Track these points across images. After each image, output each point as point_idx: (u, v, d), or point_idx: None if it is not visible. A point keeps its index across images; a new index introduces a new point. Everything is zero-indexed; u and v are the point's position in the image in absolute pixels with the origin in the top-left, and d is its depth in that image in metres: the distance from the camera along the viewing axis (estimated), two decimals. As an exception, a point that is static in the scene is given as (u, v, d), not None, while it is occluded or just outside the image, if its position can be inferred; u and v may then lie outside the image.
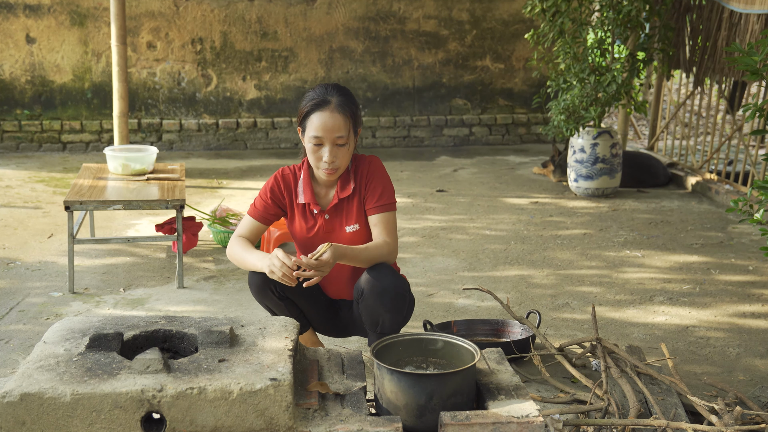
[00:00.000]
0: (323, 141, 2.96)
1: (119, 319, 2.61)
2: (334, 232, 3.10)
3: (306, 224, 3.12)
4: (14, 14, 7.73)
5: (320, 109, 2.95)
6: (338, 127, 2.95)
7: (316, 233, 3.11)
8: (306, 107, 2.99)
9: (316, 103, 2.96)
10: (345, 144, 2.98)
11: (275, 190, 3.12)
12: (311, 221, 3.12)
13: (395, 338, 2.61)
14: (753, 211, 3.29)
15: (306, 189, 3.09)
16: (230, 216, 5.21)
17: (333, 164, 2.98)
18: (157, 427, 2.19)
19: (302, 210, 3.12)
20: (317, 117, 2.95)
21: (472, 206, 6.21)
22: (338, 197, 3.07)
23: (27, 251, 4.95)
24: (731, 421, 2.57)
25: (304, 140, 3.02)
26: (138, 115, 8.08)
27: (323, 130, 2.94)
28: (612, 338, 3.80)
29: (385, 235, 3.03)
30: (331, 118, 2.94)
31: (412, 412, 2.36)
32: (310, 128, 2.97)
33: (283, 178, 3.12)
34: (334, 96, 2.97)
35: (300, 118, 3.03)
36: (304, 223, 3.12)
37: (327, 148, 2.96)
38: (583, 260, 4.99)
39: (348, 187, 3.09)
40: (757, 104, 3.37)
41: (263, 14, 8.17)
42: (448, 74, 8.62)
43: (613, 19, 6.27)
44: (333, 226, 3.10)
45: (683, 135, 7.62)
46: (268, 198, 3.11)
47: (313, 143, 2.97)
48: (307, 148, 3.01)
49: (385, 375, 2.39)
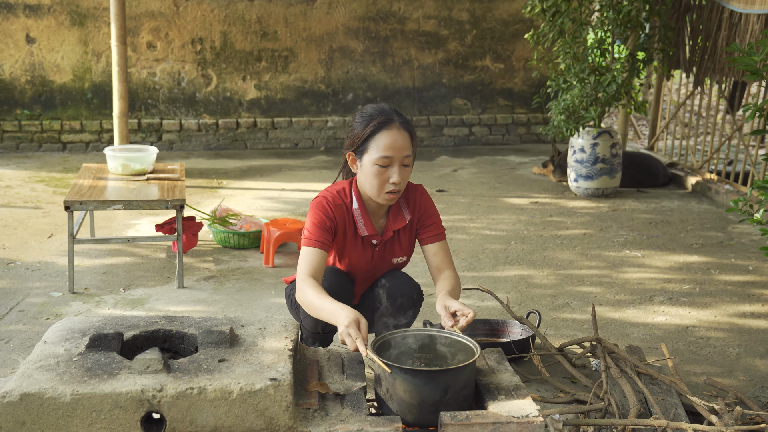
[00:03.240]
0: (392, 161, 2.80)
1: (119, 319, 2.61)
2: (382, 262, 3.05)
3: (363, 254, 3.02)
4: (14, 14, 7.73)
5: (387, 128, 2.80)
6: (406, 145, 2.82)
7: (367, 261, 3.04)
8: (370, 128, 2.82)
9: (382, 122, 2.81)
10: (409, 165, 2.87)
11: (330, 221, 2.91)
12: (369, 252, 3.02)
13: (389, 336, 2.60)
14: (753, 211, 3.29)
15: (366, 220, 2.95)
16: (230, 216, 5.21)
17: (400, 185, 2.84)
18: (157, 427, 2.19)
19: (361, 241, 3.00)
20: (386, 136, 2.79)
21: (472, 206, 6.21)
22: (391, 229, 2.99)
23: (27, 251, 4.95)
24: (731, 421, 2.57)
25: (362, 164, 2.85)
26: (138, 115, 8.08)
27: (393, 149, 2.79)
28: (612, 338, 3.80)
29: (448, 263, 2.99)
30: (400, 136, 2.81)
31: (428, 408, 2.36)
32: (376, 149, 2.80)
33: (336, 209, 2.92)
34: (394, 114, 2.84)
35: (359, 141, 2.84)
36: (361, 253, 3.01)
37: (395, 169, 2.81)
38: (583, 260, 4.99)
39: (400, 217, 2.99)
40: (757, 104, 3.37)
41: (263, 14, 8.17)
42: (448, 74, 8.62)
43: (613, 19, 6.27)
44: (383, 257, 3.04)
45: (683, 135, 7.61)
46: (327, 226, 2.89)
47: (381, 164, 2.80)
48: (370, 172, 2.83)
49: (397, 375, 2.38)
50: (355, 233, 2.97)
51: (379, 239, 3.00)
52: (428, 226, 3.02)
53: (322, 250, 2.85)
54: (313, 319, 2.95)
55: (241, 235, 5.06)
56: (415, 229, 3.05)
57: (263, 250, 4.88)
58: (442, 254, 3.00)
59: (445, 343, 2.61)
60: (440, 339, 2.62)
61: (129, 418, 2.16)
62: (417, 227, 3.05)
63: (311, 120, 8.42)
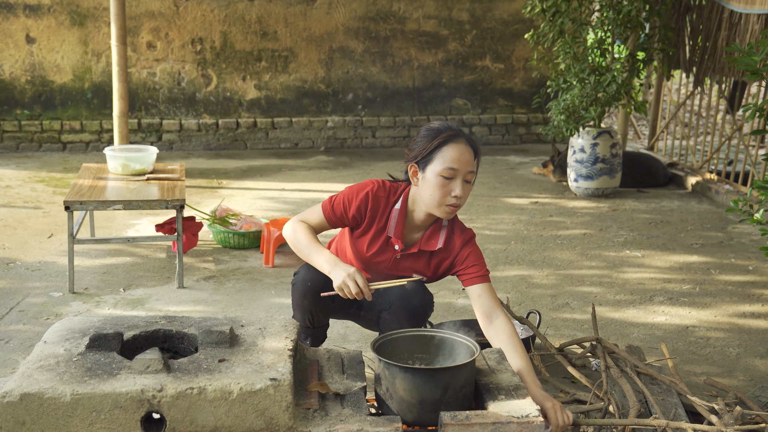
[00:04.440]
0: (456, 174, 2.82)
1: (119, 319, 2.61)
2: (400, 270, 3.03)
3: (383, 253, 3.02)
4: (14, 14, 7.73)
5: (455, 141, 2.84)
6: (471, 161, 2.85)
7: (381, 262, 3.03)
8: (438, 140, 2.85)
9: (451, 136, 2.85)
10: (471, 182, 2.89)
11: (361, 207, 2.96)
12: (385, 253, 3.02)
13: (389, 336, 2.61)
14: (753, 211, 3.29)
15: (398, 224, 2.97)
16: (230, 216, 5.21)
17: (460, 199, 2.86)
18: (157, 427, 2.19)
19: (385, 240, 3.00)
20: (453, 149, 2.83)
21: (472, 206, 6.21)
22: (419, 248, 2.98)
23: (27, 251, 4.95)
24: (731, 421, 2.57)
25: (426, 176, 2.86)
26: (138, 115, 8.08)
27: (459, 162, 2.82)
28: (612, 338, 3.80)
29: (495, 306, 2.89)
30: (466, 151, 2.84)
31: (428, 408, 2.37)
32: (442, 161, 2.82)
33: (374, 199, 2.97)
34: (461, 131, 2.89)
35: (425, 152, 2.87)
36: (377, 249, 3.02)
37: (459, 182, 2.83)
38: (583, 260, 4.99)
39: (434, 242, 2.98)
40: (757, 104, 3.37)
41: (263, 14, 8.17)
42: (448, 74, 8.62)
43: (613, 19, 6.27)
44: (401, 266, 3.03)
45: (683, 135, 7.61)
46: (352, 209, 2.95)
47: (445, 176, 2.82)
48: (433, 183, 2.84)
49: (397, 373, 2.38)
50: (384, 229, 2.99)
51: (401, 246, 2.98)
52: (470, 266, 2.96)
53: (327, 221, 2.97)
54: (300, 311, 3.01)
55: (241, 235, 5.06)
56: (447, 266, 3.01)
57: (263, 250, 4.88)
58: (487, 296, 2.91)
59: (444, 343, 2.61)
60: (440, 339, 2.62)
61: (129, 418, 2.16)
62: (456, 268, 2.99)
63: (311, 120, 8.42)
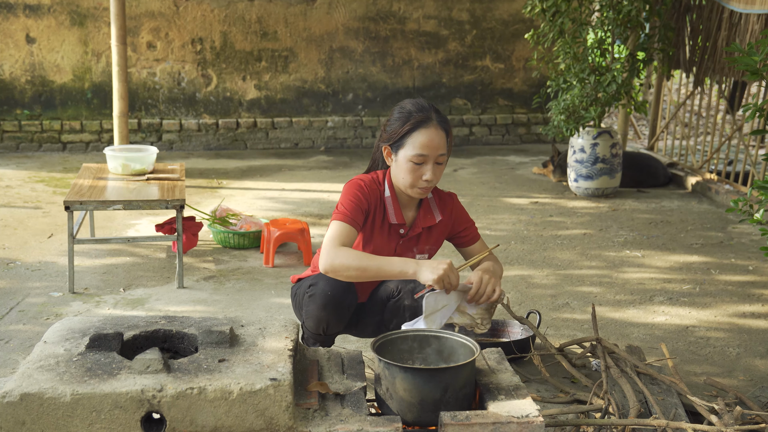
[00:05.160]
0: (427, 159, 2.87)
1: (119, 319, 2.61)
2: (405, 254, 3.07)
3: (388, 243, 3.05)
4: (14, 14, 7.73)
5: (425, 126, 2.87)
6: (442, 144, 2.89)
7: (393, 252, 3.06)
8: (408, 125, 2.88)
9: (420, 120, 2.87)
10: (443, 163, 2.93)
11: (366, 202, 2.97)
12: (394, 242, 3.05)
13: (389, 335, 2.61)
14: (753, 211, 3.29)
15: (397, 209, 3.01)
16: (230, 216, 5.21)
17: (432, 182, 2.91)
18: (157, 427, 2.19)
19: (388, 228, 3.04)
20: (423, 134, 2.86)
21: (472, 206, 6.21)
22: (420, 225, 3.04)
23: (27, 251, 4.95)
24: (731, 421, 2.57)
25: (398, 159, 2.91)
26: (138, 115, 8.08)
27: (429, 147, 2.86)
28: (612, 338, 3.80)
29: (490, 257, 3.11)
30: (436, 135, 2.87)
31: (428, 408, 2.37)
32: (411, 146, 2.87)
33: (370, 191, 2.99)
34: (433, 112, 2.90)
35: (397, 137, 2.91)
36: (386, 242, 3.05)
37: (429, 166, 2.88)
38: (583, 260, 4.99)
39: (430, 217, 3.05)
40: (757, 104, 3.37)
41: (263, 14, 8.17)
42: (448, 74, 8.62)
43: (613, 19, 6.27)
44: (407, 249, 3.08)
45: (683, 135, 7.61)
46: (363, 206, 2.95)
47: (415, 161, 2.87)
48: (404, 168, 2.89)
49: (397, 373, 2.38)
50: (383, 220, 3.03)
51: (406, 229, 3.05)
52: (466, 229, 3.13)
53: (353, 227, 2.87)
54: (315, 321, 2.96)
55: (241, 235, 5.06)
56: (446, 233, 3.13)
57: (263, 250, 4.88)
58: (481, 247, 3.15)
59: (444, 343, 2.61)
60: (440, 339, 2.62)
61: (129, 418, 2.16)
62: (451, 234, 3.14)
63: (311, 120, 8.42)
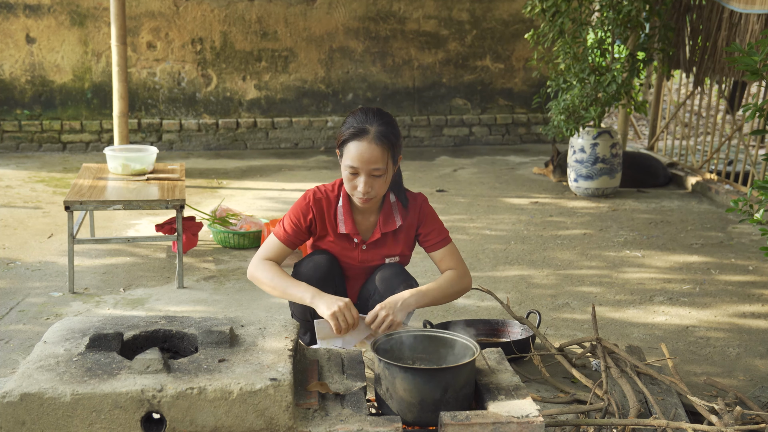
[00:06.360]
0: (359, 171, 2.88)
1: (119, 319, 2.61)
2: (373, 262, 3.10)
3: (349, 251, 3.09)
4: (14, 14, 7.73)
5: (358, 139, 2.86)
6: (375, 158, 2.86)
7: (351, 258, 3.09)
8: (344, 135, 2.90)
9: (354, 132, 2.87)
10: (381, 175, 2.91)
11: (308, 216, 3.03)
12: (350, 249, 3.08)
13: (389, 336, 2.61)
14: (753, 211, 3.29)
15: (347, 219, 3.03)
16: (230, 216, 5.21)
17: (368, 194, 2.91)
18: (157, 427, 2.19)
19: (342, 237, 3.07)
20: (354, 146, 2.86)
21: (472, 206, 6.21)
22: (381, 232, 3.04)
23: (27, 251, 4.95)
24: (731, 421, 2.57)
25: (341, 165, 2.95)
26: (138, 115, 8.08)
27: (359, 161, 2.86)
28: (612, 338, 3.80)
29: (452, 265, 3.08)
30: (368, 150, 2.85)
31: (428, 408, 2.37)
32: (346, 156, 2.89)
33: (315, 204, 3.03)
34: (374, 125, 2.87)
35: (339, 143, 2.95)
36: (346, 249, 3.09)
37: (362, 179, 2.89)
38: (583, 260, 4.99)
39: (391, 222, 3.05)
40: (757, 104, 3.36)
41: (263, 14, 8.17)
42: (448, 74, 8.62)
43: (613, 19, 6.27)
44: (371, 257, 3.09)
45: (683, 135, 7.61)
46: (301, 222, 3.03)
47: (349, 172, 2.90)
48: (344, 175, 2.94)
49: (397, 373, 2.39)
50: (336, 229, 3.06)
51: (360, 239, 3.05)
52: (428, 234, 3.09)
53: (284, 244, 3.03)
54: (302, 306, 3.01)
55: (241, 235, 5.06)
56: (413, 235, 3.11)
57: (263, 250, 4.88)
58: (447, 258, 3.09)
59: (444, 343, 2.61)
60: (440, 339, 2.62)
61: (129, 418, 2.16)
62: (418, 236, 3.12)
63: (311, 120, 8.42)
